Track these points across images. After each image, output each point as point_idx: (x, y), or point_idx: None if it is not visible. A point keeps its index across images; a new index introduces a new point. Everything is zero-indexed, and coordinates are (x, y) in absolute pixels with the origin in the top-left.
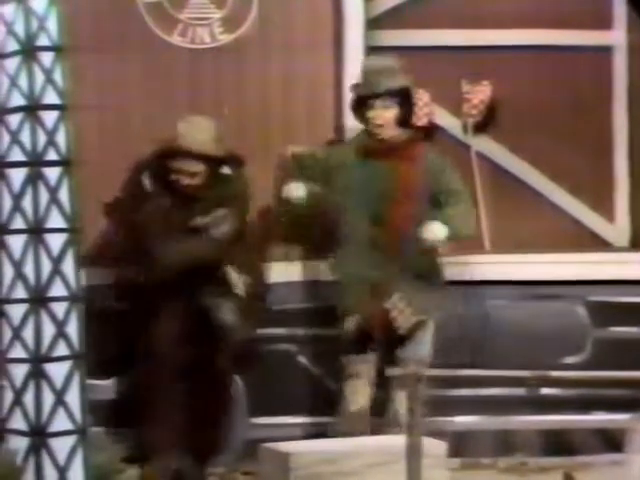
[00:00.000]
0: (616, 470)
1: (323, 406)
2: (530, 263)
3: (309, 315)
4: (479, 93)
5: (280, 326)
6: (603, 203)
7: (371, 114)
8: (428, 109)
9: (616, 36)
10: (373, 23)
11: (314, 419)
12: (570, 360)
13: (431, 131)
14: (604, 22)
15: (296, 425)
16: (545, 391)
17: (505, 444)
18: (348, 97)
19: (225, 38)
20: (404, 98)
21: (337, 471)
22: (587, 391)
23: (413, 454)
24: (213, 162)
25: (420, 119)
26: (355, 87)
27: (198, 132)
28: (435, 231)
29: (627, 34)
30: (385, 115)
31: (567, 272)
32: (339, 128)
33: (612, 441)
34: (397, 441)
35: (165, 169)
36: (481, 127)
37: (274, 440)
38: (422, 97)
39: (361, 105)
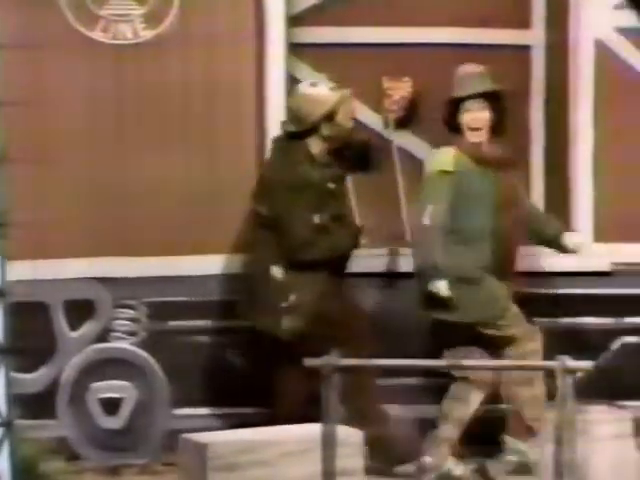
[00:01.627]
0: None
1: (243, 397)
2: None
3: (230, 307)
4: (400, 89)
5: (201, 318)
6: None
7: (467, 117)
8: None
9: (534, 35)
10: (295, 20)
11: (234, 410)
12: None
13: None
14: (523, 21)
15: (217, 416)
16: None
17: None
18: (270, 93)
19: (148, 34)
20: (497, 102)
21: (254, 460)
22: None
23: (328, 443)
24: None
25: None
26: (453, 91)
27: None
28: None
29: (545, 33)
30: (480, 117)
31: None
32: (261, 123)
33: None
34: (313, 430)
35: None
36: (402, 122)
37: (195, 431)
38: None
39: (455, 111)
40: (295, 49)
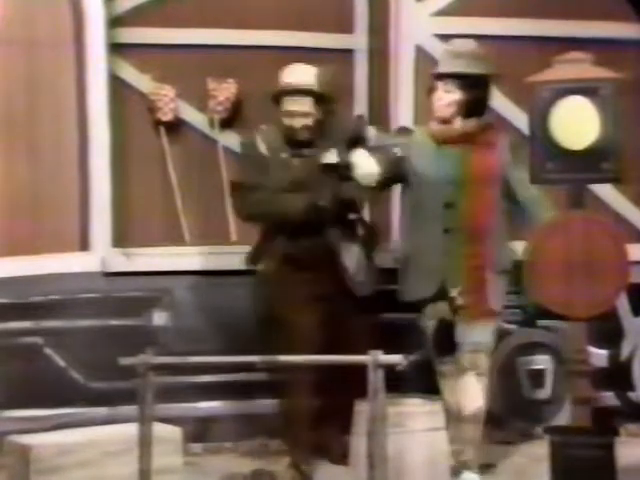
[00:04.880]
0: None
1: (68, 398)
2: None
3: (54, 307)
4: (224, 90)
5: (26, 319)
6: None
7: (434, 96)
8: (174, 105)
9: (357, 40)
10: (118, 21)
11: (59, 411)
12: None
13: (177, 126)
14: (346, 26)
15: (43, 417)
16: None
17: (246, 428)
18: (91, 93)
19: None
20: (472, 85)
21: (76, 461)
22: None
23: (144, 442)
24: (321, 102)
25: (166, 114)
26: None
27: (301, 73)
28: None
29: (368, 38)
30: (444, 98)
31: None
32: (83, 123)
33: None
34: (131, 430)
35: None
36: (227, 123)
37: (22, 433)
38: (168, 93)
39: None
40: (119, 50)
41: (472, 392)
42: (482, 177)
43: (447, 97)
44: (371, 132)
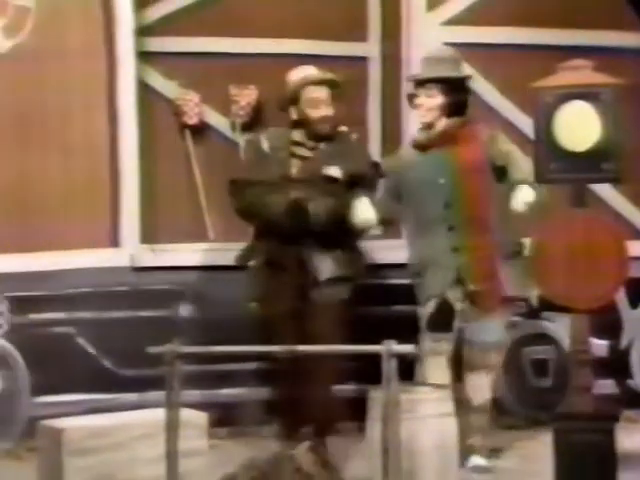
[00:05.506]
0: (360, 435)
1: (99, 384)
2: None
3: (86, 300)
4: (246, 96)
5: (60, 310)
6: None
7: (416, 101)
8: (199, 109)
9: (370, 48)
10: (146, 31)
11: (91, 396)
12: None
13: (202, 129)
14: (360, 34)
15: (75, 402)
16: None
17: (267, 413)
18: (122, 100)
19: (6, 45)
20: (453, 88)
21: (107, 444)
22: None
23: (171, 426)
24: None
25: (191, 118)
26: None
27: (320, 70)
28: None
29: (380, 46)
30: (426, 103)
31: None
32: (113, 127)
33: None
34: (159, 414)
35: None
36: (248, 126)
37: (55, 417)
38: (193, 98)
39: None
40: (147, 58)
41: (481, 387)
42: (472, 170)
43: (430, 102)
44: (380, 182)
